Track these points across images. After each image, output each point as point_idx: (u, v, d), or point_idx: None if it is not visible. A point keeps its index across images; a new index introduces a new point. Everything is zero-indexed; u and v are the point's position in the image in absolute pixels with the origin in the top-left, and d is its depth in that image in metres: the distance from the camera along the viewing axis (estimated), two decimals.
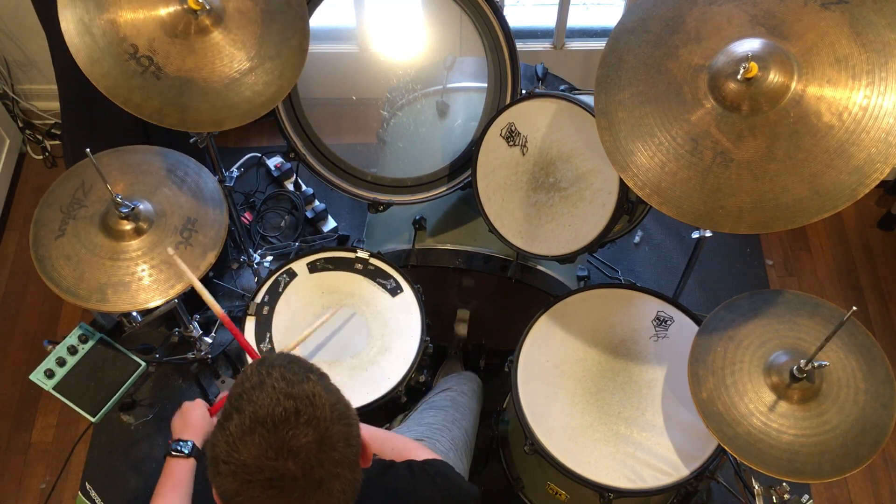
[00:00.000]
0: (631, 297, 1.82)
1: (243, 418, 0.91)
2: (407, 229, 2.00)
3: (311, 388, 0.94)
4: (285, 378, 0.94)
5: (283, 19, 1.59)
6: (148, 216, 1.60)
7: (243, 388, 0.94)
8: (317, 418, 0.92)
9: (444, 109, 2.04)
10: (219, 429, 0.94)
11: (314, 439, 0.91)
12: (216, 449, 0.93)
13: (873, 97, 1.23)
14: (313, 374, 0.98)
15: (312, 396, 0.93)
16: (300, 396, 0.92)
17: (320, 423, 0.92)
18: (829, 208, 1.25)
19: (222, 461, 0.91)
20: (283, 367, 0.96)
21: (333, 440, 0.93)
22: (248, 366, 1.00)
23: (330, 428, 0.93)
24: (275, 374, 0.95)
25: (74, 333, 1.72)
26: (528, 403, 1.68)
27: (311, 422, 0.91)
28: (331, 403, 0.95)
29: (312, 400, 0.93)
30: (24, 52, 2.66)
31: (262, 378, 0.94)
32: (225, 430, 0.92)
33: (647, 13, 1.44)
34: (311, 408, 0.92)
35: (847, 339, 1.48)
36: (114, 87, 1.48)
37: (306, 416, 0.91)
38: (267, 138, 2.90)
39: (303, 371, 0.97)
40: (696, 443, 1.61)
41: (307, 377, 0.96)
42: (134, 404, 2.32)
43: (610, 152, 1.42)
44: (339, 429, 0.94)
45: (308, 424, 0.91)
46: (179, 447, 1.35)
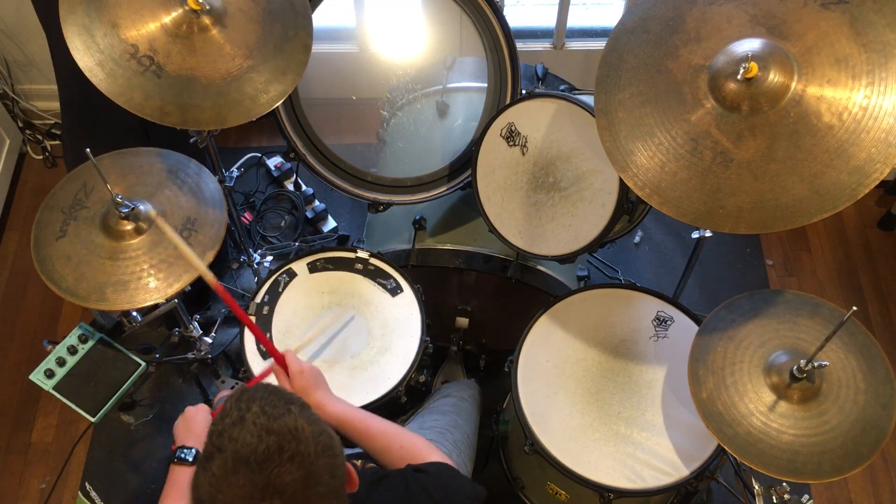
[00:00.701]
0: (631, 297, 1.82)
1: (226, 458, 0.89)
2: (407, 229, 2.00)
3: (293, 422, 0.91)
4: (265, 412, 0.91)
5: (285, 18, 1.59)
6: (148, 216, 1.60)
7: (223, 426, 0.92)
8: (301, 453, 0.89)
9: (444, 109, 2.04)
10: (201, 470, 0.91)
11: (300, 476, 0.89)
12: (200, 491, 0.90)
13: (873, 97, 1.23)
14: (294, 406, 0.95)
15: (295, 430, 0.91)
16: (282, 432, 0.90)
17: (305, 458, 0.89)
18: (829, 208, 1.25)
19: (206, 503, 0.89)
20: (263, 401, 0.93)
21: (319, 474, 0.91)
22: (226, 400, 0.97)
23: (315, 462, 0.90)
24: (254, 408, 0.92)
25: (74, 333, 1.72)
26: (528, 403, 1.68)
27: (296, 458, 0.89)
28: (314, 436, 0.92)
29: (295, 434, 0.90)
30: (24, 52, 2.66)
31: (241, 413, 0.92)
32: (207, 471, 0.90)
33: (647, 13, 1.44)
34: (295, 443, 0.90)
35: (847, 339, 1.48)
36: (114, 86, 1.48)
37: (290, 451, 0.89)
38: (267, 138, 2.90)
39: (283, 403, 0.94)
40: (696, 443, 1.61)
41: (288, 409, 0.93)
42: (134, 404, 2.32)
43: (610, 152, 1.42)
44: (323, 462, 0.92)
45: (292, 461, 0.88)
46: (183, 455, 1.35)
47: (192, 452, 1.36)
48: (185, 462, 1.34)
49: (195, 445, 1.38)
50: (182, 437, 1.40)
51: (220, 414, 0.95)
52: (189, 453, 1.35)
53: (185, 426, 1.42)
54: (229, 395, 0.99)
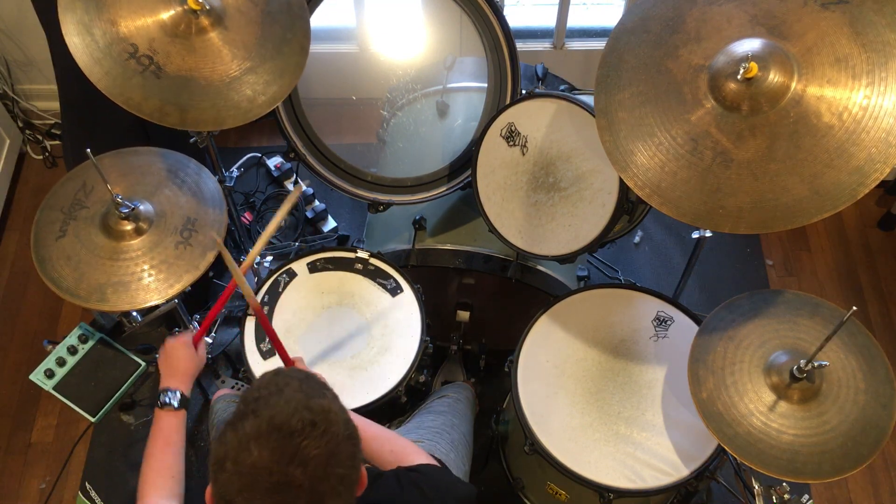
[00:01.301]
0: (631, 297, 1.83)
1: (260, 422, 0.92)
2: (407, 229, 2.00)
3: (328, 404, 0.96)
4: (303, 390, 0.96)
5: (283, 20, 1.59)
6: (148, 216, 1.60)
7: (260, 393, 0.95)
8: (331, 433, 0.93)
9: (444, 109, 2.04)
10: (230, 428, 0.94)
11: (325, 452, 0.92)
12: (226, 447, 0.93)
13: (873, 97, 1.23)
14: (328, 392, 1.00)
15: (328, 412, 0.95)
16: (317, 410, 0.94)
17: (333, 437, 0.93)
18: (829, 208, 1.25)
19: (230, 460, 0.91)
20: (301, 381, 0.99)
21: (341, 457, 0.94)
22: (263, 374, 1.02)
23: (340, 445, 0.94)
24: (293, 384, 0.97)
25: (74, 333, 1.72)
26: (528, 403, 1.68)
27: (325, 436, 0.93)
28: (344, 421, 0.97)
29: (328, 415, 0.94)
30: (24, 52, 2.66)
31: (280, 387, 0.96)
32: (238, 430, 0.92)
33: (647, 13, 1.44)
34: (327, 422, 0.94)
35: (847, 339, 1.48)
36: (113, 86, 1.48)
37: (322, 428, 0.93)
38: (267, 138, 2.90)
39: (319, 387, 1.00)
40: (696, 443, 1.61)
41: (323, 393, 0.98)
42: (134, 404, 2.32)
43: (610, 152, 1.42)
44: (347, 447, 0.96)
45: (322, 437, 0.92)
46: (168, 399, 1.32)
47: (177, 396, 1.33)
48: (170, 406, 1.32)
49: (179, 386, 1.35)
50: (166, 375, 1.37)
51: (256, 383, 0.99)
52: (174, 397, 1.32)
53: (168, 364, 1.40)
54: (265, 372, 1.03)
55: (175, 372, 1.37)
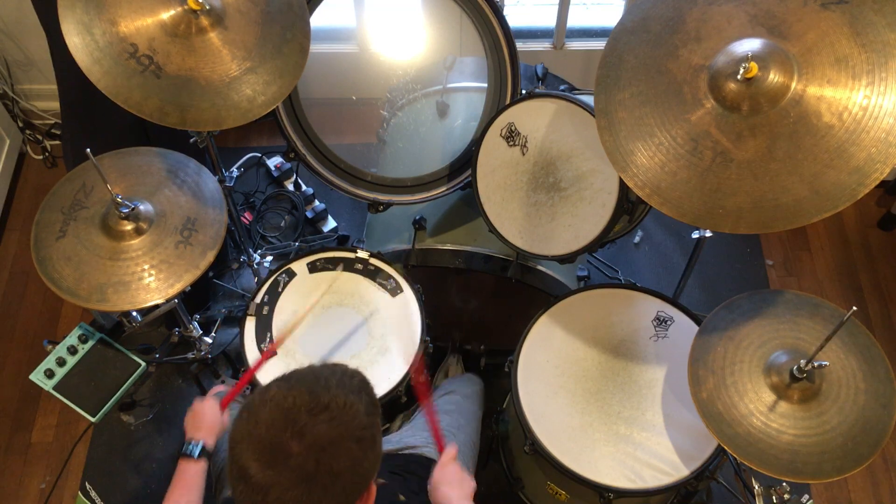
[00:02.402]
0: (631, 297, 1.83)
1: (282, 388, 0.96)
2: (407, 229, 2.00)
3: (354, 402, 0.97)
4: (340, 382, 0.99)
5: (283, 20, 1.59)
6: (148, 216, 1.60)
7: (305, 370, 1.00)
8: (338, 422, 0.95)
9: (444, 109, 2.04)
10: (264, 387, 0.98)
11: (324, 436, 0.93)
12: (251, 397, 0.98)
13: (873, 97, 1.23)
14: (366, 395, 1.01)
15: (349, 407, 0.96)
16: (338, 399, 0.96)
17: (338, 427, 0.95)
18: (829, 208, 1.25)
19: (246, 408, 0.96)
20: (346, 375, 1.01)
21: (339, 451, 0.95)
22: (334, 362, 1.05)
23: (344, 440, 0.95)
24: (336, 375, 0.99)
25: (74, 333, 1.72)
26: (528, 403, 1.68)
27: (332, 421, 0.94)
28: (360, 424, 0.97)
29: (347, 409, 0.96)
30: (24, 52, 2.66)
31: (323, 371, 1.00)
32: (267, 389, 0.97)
33: (647, 13, 1.44)
34: (341, 414, 0.95)
35: (847, 339, 1.48)
36: (113, 85, 1.48)
37: (332, 415, 0.94)
38: (267, 138, 2.90)
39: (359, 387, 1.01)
40: (696, 443, 1.61)
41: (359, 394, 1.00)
42: (134, 404, 2.32)
43: (610, 152, 1.42)
44: (352, 446, 0.96)
45: (328, 423, 0.94)
46: (190, 449, 1.35)
47: (199, 447, 1.35)
48: (191, 457, 1.34)
49: (203, 439, 1.37)
50: (191, 432, 1.40)
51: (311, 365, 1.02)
52: (195, 448, 1.35)
53: (194, 421, 1.42)
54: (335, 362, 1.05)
55: (200, 427, 1.41)
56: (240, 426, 0.96)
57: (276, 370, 1.70)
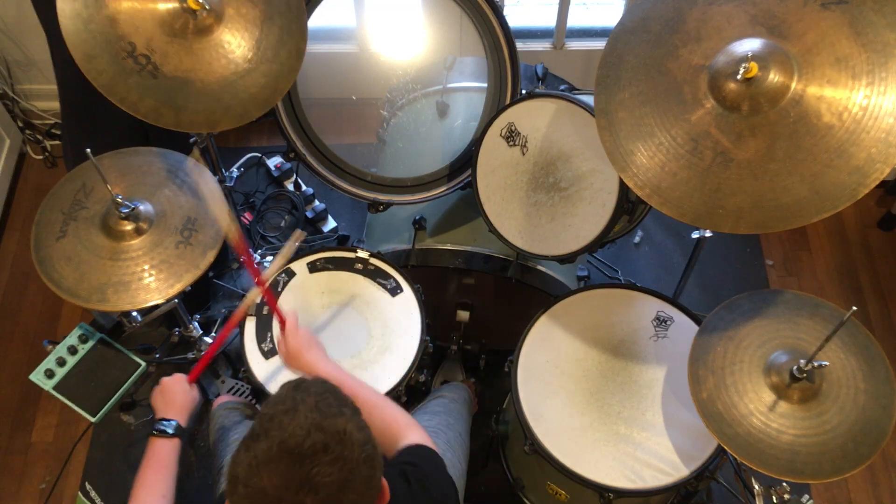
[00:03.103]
0: (631, 297, 1.82)
1: (271, 444, 0.90)
2: (407, 229, 2.00)
3: (344, 424, 0.93)
4: (319, 409, 0.93)
5: (281, 22, 1.59)
6: (148, 216, 1.60)
7: (275, 411, 0.93)
8: (344, 458, 0.90)
9: (444, 109, 2.04)
10: (244, 449, 0.92)
11: (338, 479, 0.89)
12: (237, 468, 0.91)
13: (873, 97, 1.23)
14: (347, 409, 0.96)
15: (343, 433, 0.92)
16: (331, 431, 0.91)
17: (347, 462, 0.90)
18: (829, 208, 1.25)
19: (241, 483, 0.90)
20: (318, 396, 0.95)
21: (356, 483, 0.92)
22: (282, 386, 0.98)
23: (355, 470, 0.91)
24: (309, 401, 0.93)
25: (74, 333, 1.72)
26: (528, 403, 1.68)
27: (338, 461, 0.90)
28: (360, 443, 0.93)
29: (343, 437, 0.91)
30: (24, 52, 2.66)
31: (295, 404, 0.93)
32: (250, 451, 0.91)
33: (647, 13, 1.44)
34: (341, 446, 0.91)
35: (847, 339, 1.48)
36: (110, 84, 1.48)
37: (335, 453, 0.90)
38: (267, 138, 2.90)
39: (337, 404, 0.96)
40: (696, 443, 1.61)
41: (341, 411, 0.95)
42: (134, 404, 2.32)
43: (610, 152, 1.42)
44: (363, 471, 0.93)
45: (334, 463, 0.90)
46: (163, 426, 1.32)
47: (173, 424, 1.33)
48: (165, 434, 1.33)
49: (175, 418, 1.36)
50: (161, 410, 1.38)
51: (272, 398, 0.96)
52: (169, 425, 1.33)
53: (164, 399, 1.41)
54: (285, 383, 1.00)
55: (171, 406, 1.38)
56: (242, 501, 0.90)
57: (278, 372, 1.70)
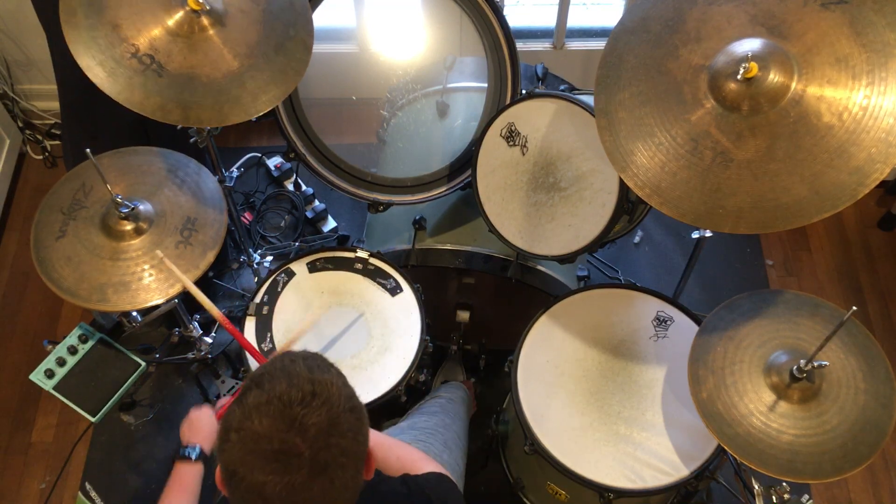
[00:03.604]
0: (631, 297, 1.82)
1: (261, 393, 0.94)
2: (407, 229, 2.00)
3: (331, 378, 0.98)
4: (308, 366, 0.99)
5: (285, 18, 1.59)
6: (148, 216, 1.60)
7: (265, 370, 0.98)
8: (330, 402, 0.95)
9: (444, 109, 2.04)
10: (236, 403, 0.97)
11: (325, 420, 0.93)
12: (230, 417, 0.95)
13: (873, 97, 1.23)
14: (333, 369, 1.02)
15: (330, 385, 0.97)
16: (319, 381, 0.96)
17: (333, 408, 0.95)
18: (829, 208, 1.25)
19: (234, 430, 0.94)
20: (308, 359, 1.01)
21: (343, 427, 0.95)
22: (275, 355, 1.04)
23: (341, 415, 0.95)
24: (298, 362, 0.99)
25: (74, 333, 1.72)
26: (528, 403, 1.68)
27: (325, 404, 0.94)
28: (346, 395, 0.98)
29: (329, 388, 0.96)
30: (24, 52, 2.66)
31: (285, 364, 0.99)
32: (241, 402, 0.95)
33: (647, 13, 1.44)
34: (327, 393, 0.95)
35: (847, 339, 1.48)
36: (115, 85, 1.48)
37: (322, 398, 0.94)
38: (267, 138, 2.90)
39: (326, 365, 1.02)
40: (696, 443, 1.61)
41: (329, 370, 1.00)
42: (134, 404, 2.32)
43: (610, 152, 1.42)
44: (349, 417, 0.97)
45: (322, 407, 0.94)
46: (187, 452, 1.37)
47: (196, 450, 1.37)
48: (188, 459, 1.36)
49: (199, 443, 1.38)
50: (187, 438, 1.41)
51: (262, 365, 1.02)
52: (193, 451, 1.37)
53: (190, 427, 1.44)
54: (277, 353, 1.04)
55: (196, 433, 1.44)
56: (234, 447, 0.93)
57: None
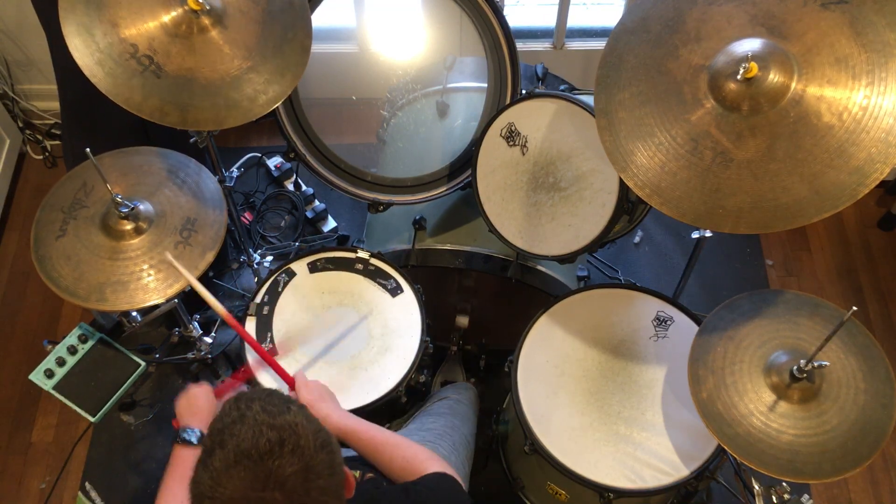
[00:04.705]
0: (631, 297, 1.82)
1: (227, 453, 0.90)
2: (407, 229, 2.00)
3: (293, 418, 0.94)
4: (266, 410, 0.94)
5: (284, 19, 1.59)
6: (148, 216, 1.60)
7: (223, 424, 0.93)
8: (301, 447, 0.91)
9: (444, 109, 2.04)
10: (201, 466, 0.92)
11: (300, 468, 0.90)
12: (200, 486, 0.91)
13: (873, 97, 1.23)
14: (293, 405, 0.97)
15: (295, 426, 0.92)
16: (283, 426, 0.92)
17: (305, 451, 0.91)
18: (829, 208, 1.25)
19: (206, 497, 0.90)
20: (263, 400, 0.96)
21: (319, 468, 0.92)
22: (226, 402, 0.99)
23: (314, 456, 0.92)
24: (255, 407, 0.94)
25: (74, 333, 1.72)
26: (528, 403, 1.68)
27: (296, 451, 0.90)
28: (313, 432, 0.94)
29: (295, 429, 0.92)
30: (24, 52, 2.66)
31: (242, 412, 0.94)
32: (208, 466, 0.91)
33: (647, 13, 1.44)
34: (295, 437, 0.91)
35: (847, 339, 1.48)
36: (113, 86, 1.48)
37: (291, 445, 0.90)
38: (267, 138, 2.90)
39: (283, 403, 0.97)
40: (696, 443, 1.61)
41: (288, 408, 0.95)
42: (134, 404, 2.32)
43: (610, 152, 1.42)
44: (323, 457, 0.93)
45: (293, 454, 0.90)
46: (187, 436, 1.33)
47: (196, 433, 1.34)
48: (189, 443, 1.33)
49: (199, 426, 1.37)
50: (186, 418, 1.38)
51: (219, 415, 0.97)
52: (193, 434, 1.33)
53: (188, 405, 1.41)
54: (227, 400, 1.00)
55: (195, 414, 1.39)
56: None
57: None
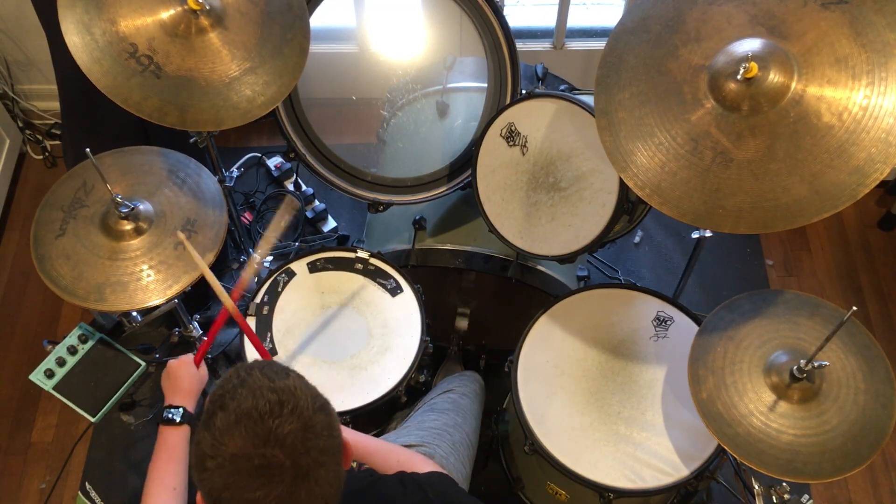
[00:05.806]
0: (631, 297, 1.82)
1: (228, 414, 0.93)
2: (407, 229, 2.00)
3: (292, 383, 0.97)
4: (266, 375, 0.97)
5: (283, 20, 1.59)
6: (148, 216, 1.60)
7: (224, 389, 0.96)
8: (300, 408, 0.94)
9: (444, 109, 2.04)
10: (203, 428, 0.95)
11: (299, 427, 0.93)
12: (201, 446, 0.93)
13: (873, 97, 1.23)
14: (292, 373, 1.01)
15: (294, 389, 0.96)
16: (282, 389, 0.95)
17: (304, 412, 0.94)
18: (829, 208, 1.25)
19: (209, 456, 0.92)
20: (262, 368, 0.99)
21: (317, 428, 0.95)
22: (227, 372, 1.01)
23: (313, 417, 0.95)
24: (255, 373, 0.97)
25: (74, 333, 1.72)
26: (528, 403, 1.68)
27: (295, 411, 0.93)
28: (311, 395, 0.98)
29: (294, 392, 0.95)
30: (24, 52, 2.66)
31: (242, 378, 0.97)
32: (210, 427, 0.93)
33: (647, 13, 1.44)
34: (294, 399, 0.94)
35: (847, 339, 1.48)
36: (113, 85, 1.48)
37: (290, 406, 0.93)
38: (267, 138, 2.90)
39: (282, 370, 1.00)
40: (696, 443, 1.61)
41: (287, 374, 0.99)
42: (134, 404, 2.32)
43: (610, 152, 1.42)
44: (321, 418, 0.96)
45: (292, 413, 0.93)
46: (171, 414, 1.34)
47: (180, 412, 1.35)
48: (173, 422, 1.34)
49: (182, 403, 1.37)
50: (169, 395, 1.39)
51: (219, 382, 0.99)
52: (176, 413, 1.34)
53: (171, 383, 1.42)
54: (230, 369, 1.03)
55: (178, 390, 1.40)
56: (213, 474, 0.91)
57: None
